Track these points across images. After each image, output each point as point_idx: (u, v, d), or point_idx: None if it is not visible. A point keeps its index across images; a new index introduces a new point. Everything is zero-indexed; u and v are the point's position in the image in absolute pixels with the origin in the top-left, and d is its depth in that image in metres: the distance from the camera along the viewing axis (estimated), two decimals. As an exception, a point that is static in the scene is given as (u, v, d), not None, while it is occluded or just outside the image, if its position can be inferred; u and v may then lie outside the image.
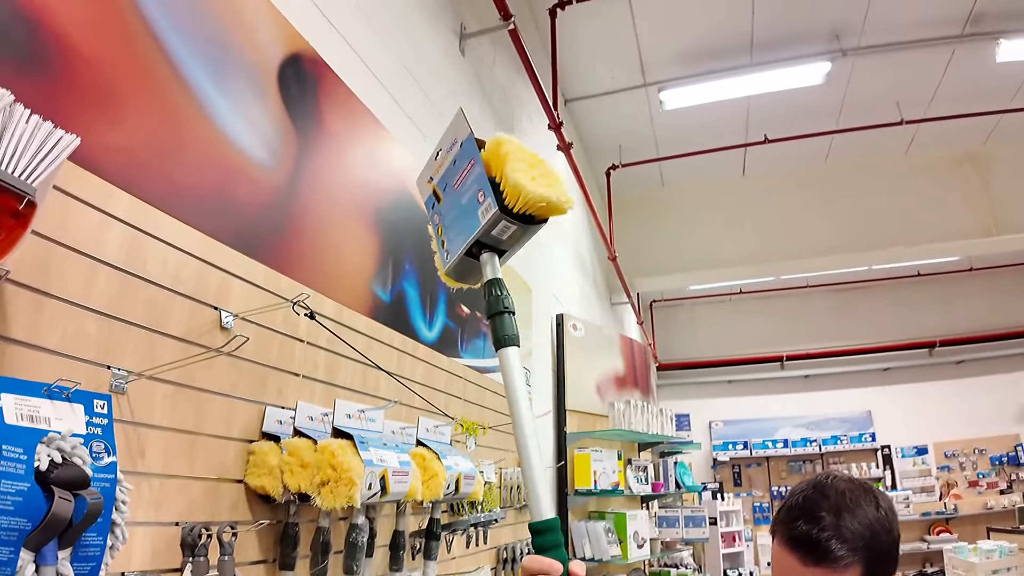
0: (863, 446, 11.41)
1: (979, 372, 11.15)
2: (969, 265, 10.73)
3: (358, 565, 1.34)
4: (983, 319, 10.96)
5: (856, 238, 7.87)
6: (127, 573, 1.04)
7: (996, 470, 10.74)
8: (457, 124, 0.95)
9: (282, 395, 1.43)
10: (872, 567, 0.94)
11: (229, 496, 1.26)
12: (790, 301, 11.80)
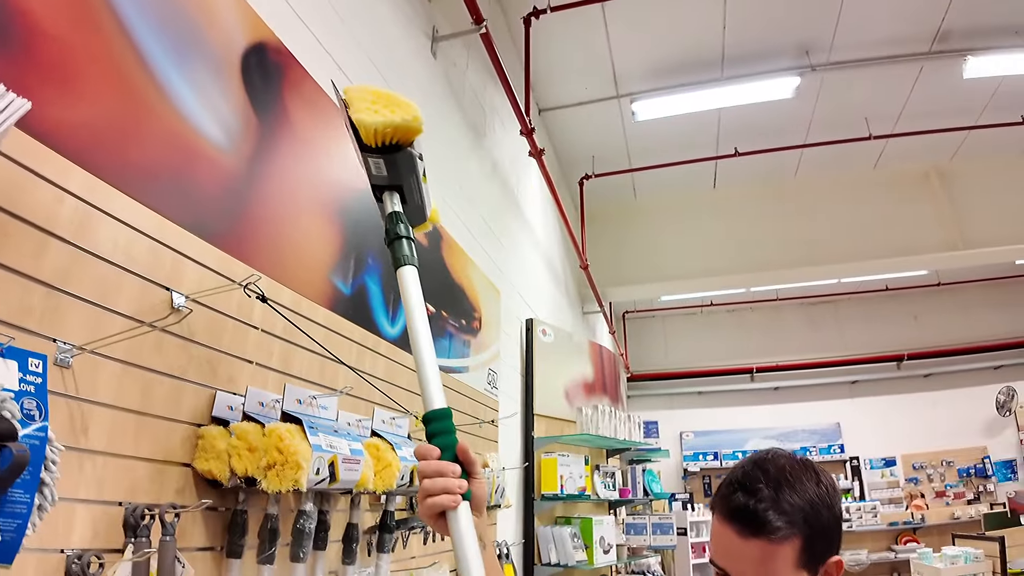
0: (832, 457, 11.56)
1: (947, 385, 11.38)
2: (937, 280, 10.97)
3: (305, 552, 1.33)
4: (951, 333, 11.20)
5: (825, 251, 8.00)
6: (66, 550, 1.02)
7: (964, 482, 10.94)
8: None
9: (234, 381, 1.41)
10: (812, 543, 0.93)
11: (176, 479, 1.24)
12: (760, 314, 11.96)
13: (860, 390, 11.75)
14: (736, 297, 11.42)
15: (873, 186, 8.02)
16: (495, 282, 3.65)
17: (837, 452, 11.57)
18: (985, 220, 7.78)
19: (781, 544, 0.91)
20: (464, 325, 3.00)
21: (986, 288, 11.15)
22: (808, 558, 0.93)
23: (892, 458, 11.36)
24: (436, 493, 0.81)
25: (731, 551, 0.93)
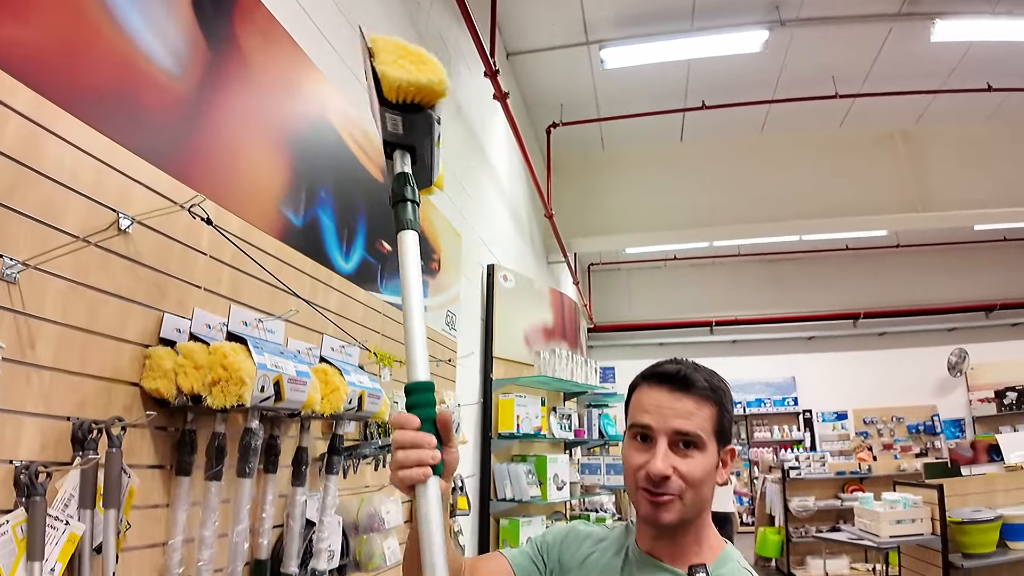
0: (786, 409, 12.01)
1: (901, 345, 11.80)
2: (896, 242, 11.25)
3: (251, 468, 1.38)
4: (907, 294, 11.55)
5: (788, 208, 8.13)
6: (14, 461, 1.06)
7: (913, 438, 11.49)
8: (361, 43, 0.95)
9: (182, 305, 1.44)
10: (722, 417, 1.03)
11: (123, 398, 1.28)
12: (723, 269, 12.19)
13: (816, 346, 12.13)
14: (700, 252, 11.59)
15: (838, 146, 8.13)
16: (456, 226, 3.68)
17: (791, 405, 12.01)
18: (946, 184, 7.96)
19: (704, 404, 1.02)
20: (423, 266, 3.03)
21: (944, 252, 11.46)
22: (719, 428, 1.03)
23: (844, 412, 11.85)
24: (409, 466, 0.81)
25: (661, 407, 1.02)
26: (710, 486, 1.02)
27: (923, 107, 7.55)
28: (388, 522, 2.00)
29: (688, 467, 0.98)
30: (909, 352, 11.76)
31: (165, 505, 1.35)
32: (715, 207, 8.05)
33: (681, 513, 0.99)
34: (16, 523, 1.01)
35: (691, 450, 1.00)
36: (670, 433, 1.00)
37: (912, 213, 7.95)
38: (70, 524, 1.08)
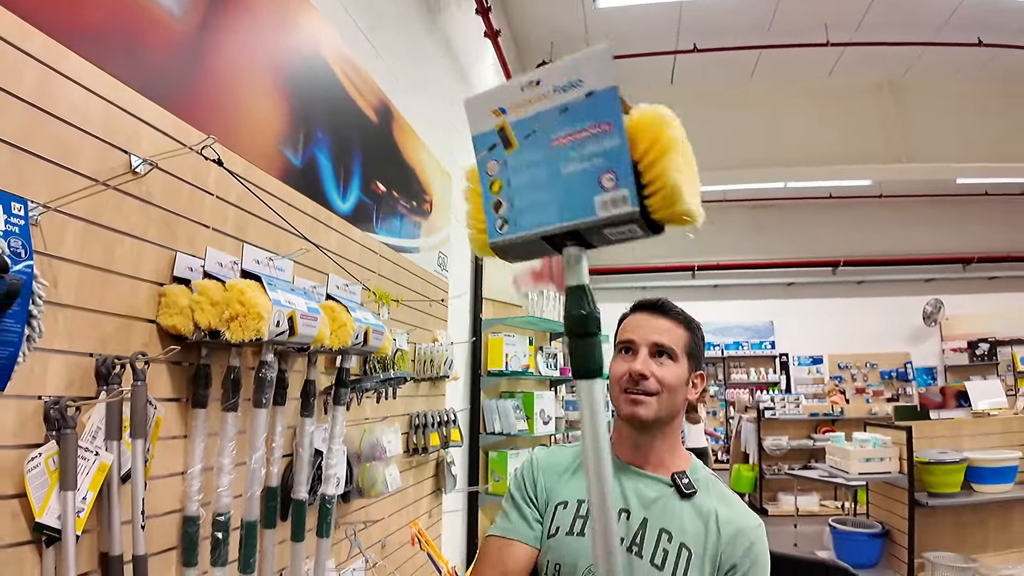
0: (763, 353, 12.34)
1: (878, 293, 12.07)
2: (879, 192, 11.36)
3: (267, 399, 1.45)
4: (887, 244, 11.73)
5: (774, 155, 8.16)
6: (43, 396, 1.11)
7: (885, 383, 11.89)
8: (593, 63, 0.67)
9: (192, 244, 1.48)
10: (694, 342, 1.25)
11: (141, 335, 1.33)
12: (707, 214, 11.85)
13: (795, 292, 12.37)
14: (685, 196, 11.62)
15: (826, 94, 8.10)
16: (447, 167, 3.68)
17: (768, 348, 12.33)
18: (931, 137, 8.00)
19: (678, 325, 1.24)
20: (415, 207, 3.07)
21: (925, 204, 11.60)
22: (690, 350, 1.23)
23: (820, 356, 12.20)
24: None
25: (642, 325, 1.23)
26: (681, 396, 1.20)
27: (913, 59, 7.51)
28: (389, 451, 2.10)
29: (663, 372, 1.18)
30: (886, 301, 12.04)
31: (183, 436, 1.42)
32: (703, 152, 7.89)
33: (656, 412, 1.17)
34: (48, 456, 1.08)
35: (665, 359, 1.19)
36: (649, 344, 1.20)
37: (896, 164, 8.01)
38: (99, 455, 1.14)
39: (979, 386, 5.03)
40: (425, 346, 2.94)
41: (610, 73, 0.67)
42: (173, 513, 1.38)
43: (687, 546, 1.11)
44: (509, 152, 0.73)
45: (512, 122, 0.73)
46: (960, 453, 3.93)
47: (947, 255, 11.57)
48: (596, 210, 0.68)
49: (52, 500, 1.06)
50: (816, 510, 7.19)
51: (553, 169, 0.70)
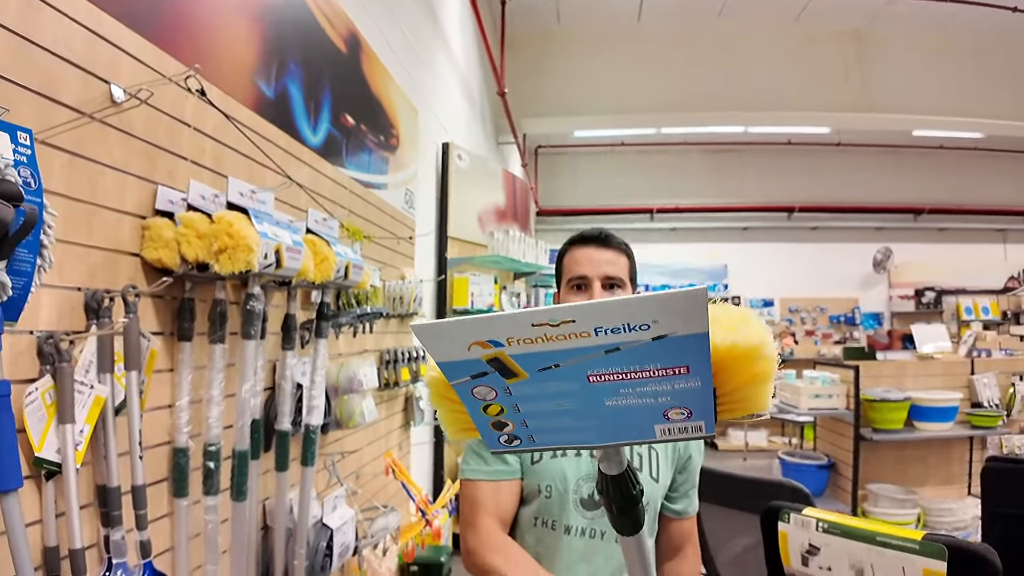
0: (716, 295, 12.66)
1: (831, 239, 12.38)
2: (837, 140, 11.53)
3: (255, 330, 1.47)
4: (842, 192, 11.99)
5: (736, 99, 8.20)
6: (35, 331, 1.11)
7: (834, 327, 12.37)
8: (678, 308, 0.50)
9: (172, 177, 1.45)
10: (632, 262, 1.34)
11: (127, 269, 1.32)
12: (667, 157, 12.32)
13: (750, 236, 12.62)
14: (646, 139, 11.64)
15: (791, 40, 8.13)
16: (414, 101, 3.62)
17: (722, 291, 12.64)
18: (892, 88, 8.14)
19: (621, 254, 1.31)
20: (383, 141, 3.03)
21: (882, 153, 11.84)
22: (632, 275, 1.32)
23: (771, 300, 12.57)
24: None
25: (592, 259, 1.30)
26: None
27: (879, 9, 7.57)
28: (365, 384, 2.15)
29: None
30: (838, 247, 12.39)
31: (169, 370, 1.43)
32: (666, 94, 8.05)
33: None
34: (44, 390, 1.09)
35: (616, 290, 1.27)
36: (602, 277, 1.27)
37: (856, 113, 8.16)
38: (95, 388, 1.16)
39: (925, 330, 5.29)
40: (394, 283, 2.96)
41: (701, 318, 0.50)
42: (163, 445, 1.41)
43: (654, 448, 1.25)
44: (512, 382, 0.57)
45: (516, 355, 0.55)
46: (904, 392, 4.18)
47: (899, 205, 11.93)
48: (655, 434, 0.58)
49: (50, 434, 1.08)
50: (764, 445, 7.60)
51: (592, 399, 0.57)
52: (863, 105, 8.10)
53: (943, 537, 0.92)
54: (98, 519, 1.20)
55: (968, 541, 0.89)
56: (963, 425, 4.27)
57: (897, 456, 4.40)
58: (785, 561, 1.27)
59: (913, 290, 12.23)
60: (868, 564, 1.03)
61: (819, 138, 11.26)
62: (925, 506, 4.07)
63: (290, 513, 1.82)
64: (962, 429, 4.24)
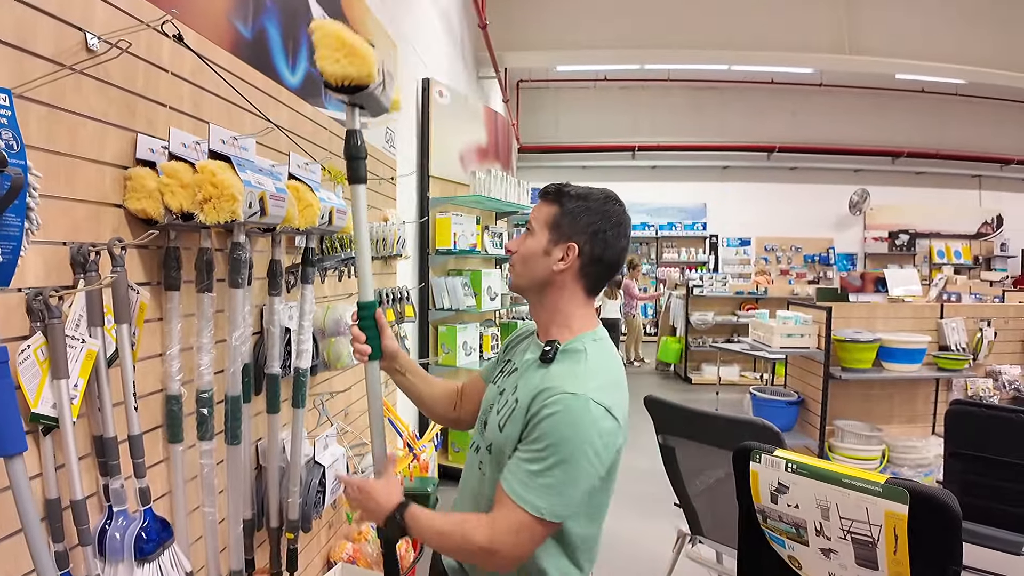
0: (695, 234, 12.74)
1: (809, 180, 12.47)
2: (820, 81, 11.46)
3: (243, 279, 1.48)
4: (822, 133, 12.01)
5: (721, 37, 8.06)
6: (24, 289, 1.11)
7: (808, 267, 12.58)
8: None
9: (152, 125, 1.43)
10: (564, 212, 1.27)
11: (111, 221, 1.31)
12: (649, 94, 12.17)
13: (730, 175, 12.66)
14: (629, 74, 11.46)
15: (778, -23, 7.94)
16: (393, 36, 3.53)
17: (700, 229, 12.74)
18: (876, 31, 8.02)
19: (548, 204, 1.30)
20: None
21: (863, 95, 11.80)
22: (554, 223, 1.27)
23: (748, 239, 12.71)
24: (357, 351, 1.40)
25: (532, 211, 1.34)
26: (540, 266, 1.26)
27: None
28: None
29: (520, 246, 1.31)
30: (815, 188, 12.50)
31: (158, 319, 1.44)
32: (650, 29, 7.88)
33: (517, 280, 1.32)
34: (36, 347, 1.09)
35: (527, 235, 1.30)
36: (527, 224, 1.32)
37: (840, 55, 8.06)
38: (86, 342, 1.16)
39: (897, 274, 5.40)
40: (377, 225, 2.95)
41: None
42: (156, 393, 1.44)
43: (519, 399, 1.20)
44: None
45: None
46: (874, 334, 4.30)
47: (878, 147, 11.99)
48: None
49: (45, 389, 1.09)
50: (736, 380, 7.82)
51: None
52: (848, 46, 8.00)
53: (905, 482, 0.99)
54: (96, 469, 1.23)
55: (929, 486, 0.95)
56: (930, 367, 4.42)
57: (864, 394, 4.56)
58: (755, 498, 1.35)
59: (887, 232, 12.45)
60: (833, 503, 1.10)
61: (801, 78, 11.18)
62: (890, 443, 4.25)
63: (283, 453, 1.87)
64: (929, 371, 4.39)
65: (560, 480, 1.08)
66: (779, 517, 1.24)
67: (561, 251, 1.24)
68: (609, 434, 1.12)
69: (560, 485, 1.09)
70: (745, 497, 1.32)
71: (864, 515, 1.03)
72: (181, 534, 1.48)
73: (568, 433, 1.09)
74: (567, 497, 1.09)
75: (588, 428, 1.09)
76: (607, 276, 1.29)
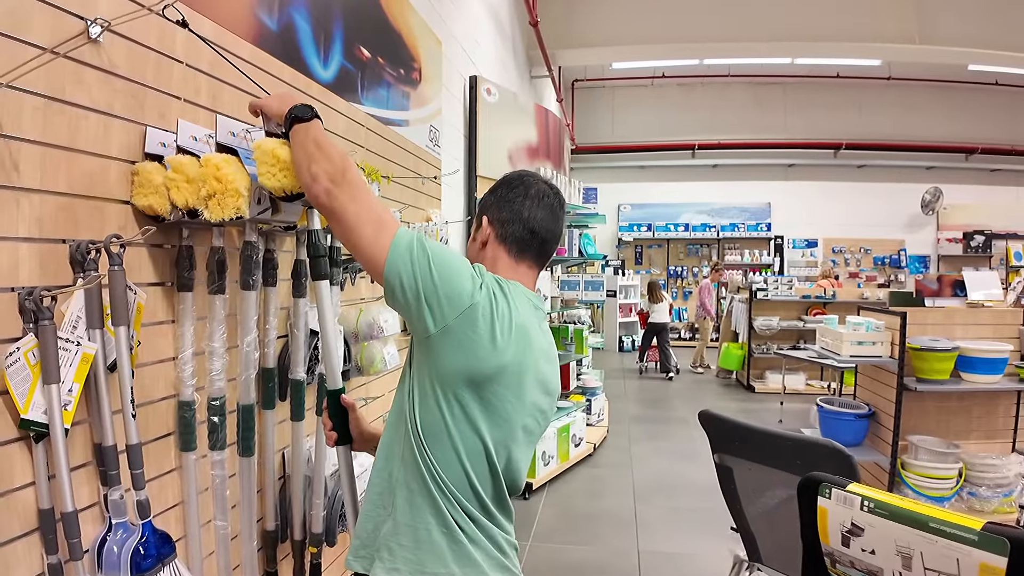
0: (758, 235, 12.29)
1: (878, 179, 11.89)
2: (887, 74, 10.90)
3: (254, 280, 1.40)
4: (890, 129, 11.42)
5: (784, 29, 7.73)
6: (16, 288, 1.05)
7: (878, 269, 11.97)
8: None
9: (164, 118, 1.36)
10: (491, 197, 1.29)
11: (116, 217, 1.25)
12: (709, 90, 11.81)
13: (795, 174, 12.16)
14: (687, 70, 11.14)
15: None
16: (437, 32, 3.44)
17: (764, 230, 12.27)
18: (948, 19, 7.56)
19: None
20: (403, 75, 2.88)
21: (933, 89, 11.18)
22: (481, 210, 1.29)
23: (815, 240, 12.17)
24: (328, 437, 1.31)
25: None
26: (473, 253, 1.28)
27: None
28: (386, 330, 2.08)
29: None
30: (885, 187, 11.90)
31: (171, 321, 1.38)
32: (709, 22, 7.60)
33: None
34: (27, 349, 1.03)
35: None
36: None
37: (909, 45, 7.61)
38: (81, 344, 1.09)
39: (976, 276, 4.98)
40: (418, 225, 2.86)
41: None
42: (168, 399, 1.37)
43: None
44: None
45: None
46: (952, 342, 3.96)
47: (950, 144, 11.32)
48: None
49: (36, 395, 1.02)
50: (802, 388, 7.42)
51: None
52: (917, 35, 7.53)
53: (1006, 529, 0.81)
54: (97, 478, 1.16)
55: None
56: (1011, 378, 4.05)
57: (940, 407, 4.22)
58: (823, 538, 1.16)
59: (961, 233, 11.74)
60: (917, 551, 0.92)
61: (868, 71, 10.65)
62: (967, 460, 3.90)
63: (308, 463, 1.78)
64: (1010, 382, 4.02)
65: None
66: (851, 563, 1.06)
67: (483, 229, 1.26)
68: (482, 283, 1.07)
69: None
70: (810, 533, 1.15)
71: (954, 567, 0.86)
72: (193, 548, 1.40)
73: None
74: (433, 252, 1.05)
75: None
76: (529, 237, 1.23)
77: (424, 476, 1.06)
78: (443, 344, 1.03)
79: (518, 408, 1.11)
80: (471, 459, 1.07)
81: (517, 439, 1.13)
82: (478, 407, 1.06)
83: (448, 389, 1.05)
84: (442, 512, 1.05)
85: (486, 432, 1.07)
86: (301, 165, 1.10)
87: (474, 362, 1.03)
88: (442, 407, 1.05)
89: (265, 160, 1.18)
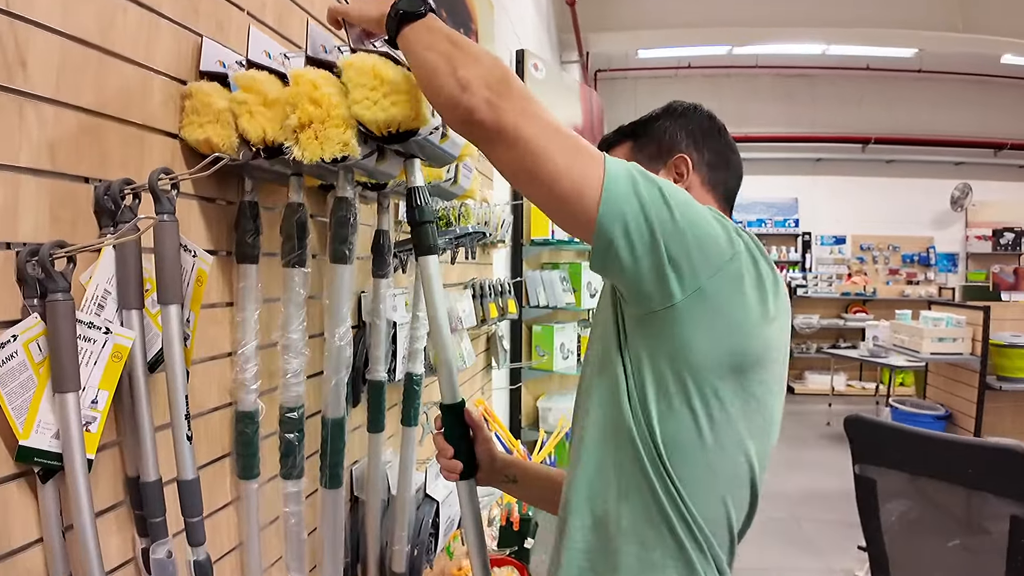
0: (785, 231, 11.92)
1: (907, 174, 11.54)
2: (919, 67, 10.55)
3: (351, 249, 1.02)
4: (921, 124, 11.08)
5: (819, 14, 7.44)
6: (14, 244, 0.68)
7: (907, 267, 11.62)
8: None
9: (223, 30, 1.01)
10: (639, 142, 1.11)
11: (160, 154, 0.89)
12: (734, 81, 11.46)
13: (822, 168, 11.82)
14: (714, 60, 10.82)
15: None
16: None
17: (792, 226, 11.90)
18: (982, 7, 7.25)
19: (619, 144, 1.15)
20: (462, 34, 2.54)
21: (965, 83, 10.85)
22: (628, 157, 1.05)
23: (843, 236, 11.82)
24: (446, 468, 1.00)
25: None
26: None
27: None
28: (464, 322, 1.72)
29: None
30: (914, 182, 11.58)
31: (227, 304, 1.02)
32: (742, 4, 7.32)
33: None
34: (29, 339, 0.66)
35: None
36: None
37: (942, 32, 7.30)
38: (112, 332, 0.73)
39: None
40: (480, 206, 2.51)
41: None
42: (221, 409, 1.01)
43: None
44: None
45: None
46: (1039, 338, 3.65)
47: (980, 139, 11.02)
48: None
49: (43, 409, 0.67)
50: (844, 390, 7.09)
51: None
52: (950, 24, 7.20)
53: None
54: (132, 526, 0.81)
55: None
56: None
57: (1018, 407, 3.91)
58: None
59: (991, 230, 11.38)
60: None
61: (899, 63, 10.33)
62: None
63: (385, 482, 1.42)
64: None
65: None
66: None
67: (670, 173, 0.98)
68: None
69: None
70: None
71: None
72: (255, 609, 1.04)
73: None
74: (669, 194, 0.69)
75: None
76: (735, 188, 1.06)
77: (669, 518, 0.70)
78: (694, 315, 0.67)
79: (780, 403, 0.77)
80: (731, 486, 0.71)
81: (772, 448, 0.77)
82: (740, 405, 0.71)
83: (705, 382, 0.69)
84: (696, 573, 0.69)
85: (749, 441, 0.72)
86: (437, 74, 0.75)
87: (740, 339, 0.69)
88: (695, 410, 0.69)
89: (364, 83, 0.83)
